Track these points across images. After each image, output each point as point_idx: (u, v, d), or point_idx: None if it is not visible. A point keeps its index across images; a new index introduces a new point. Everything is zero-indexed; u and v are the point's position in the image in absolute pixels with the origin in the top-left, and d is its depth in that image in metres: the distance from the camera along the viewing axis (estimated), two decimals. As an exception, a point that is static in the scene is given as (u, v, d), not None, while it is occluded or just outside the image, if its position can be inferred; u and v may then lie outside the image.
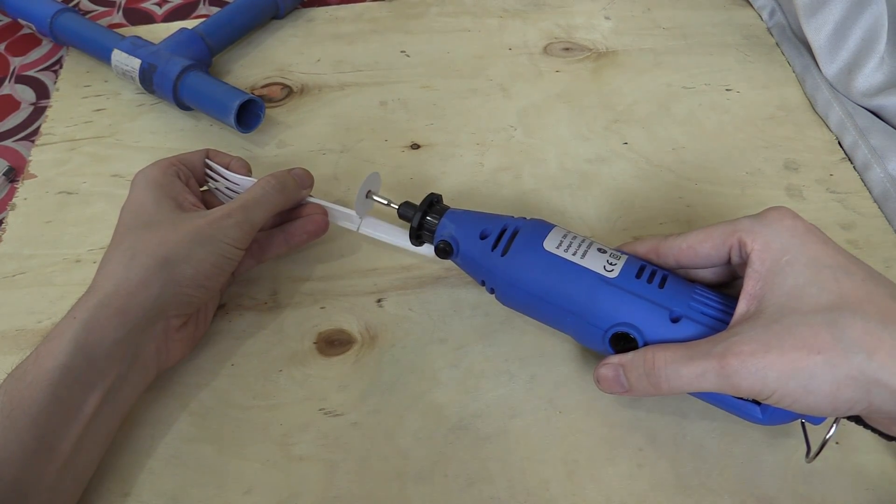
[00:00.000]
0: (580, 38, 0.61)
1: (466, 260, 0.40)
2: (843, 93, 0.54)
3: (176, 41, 0.54)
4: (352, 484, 0.37)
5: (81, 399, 0.33)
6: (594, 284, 0.36)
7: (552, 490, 0.37)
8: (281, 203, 0.41)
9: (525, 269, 0.37)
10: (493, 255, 0.38)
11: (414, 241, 0.42)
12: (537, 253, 0.37)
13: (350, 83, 0.57)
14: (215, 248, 0.37)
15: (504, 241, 0.38)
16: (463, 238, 0.39)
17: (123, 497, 0.36)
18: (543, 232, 0.38)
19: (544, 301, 0.37)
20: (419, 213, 0.41)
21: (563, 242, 0.37)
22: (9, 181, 0.51)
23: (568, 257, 0.37)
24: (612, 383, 0.35)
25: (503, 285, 0.38)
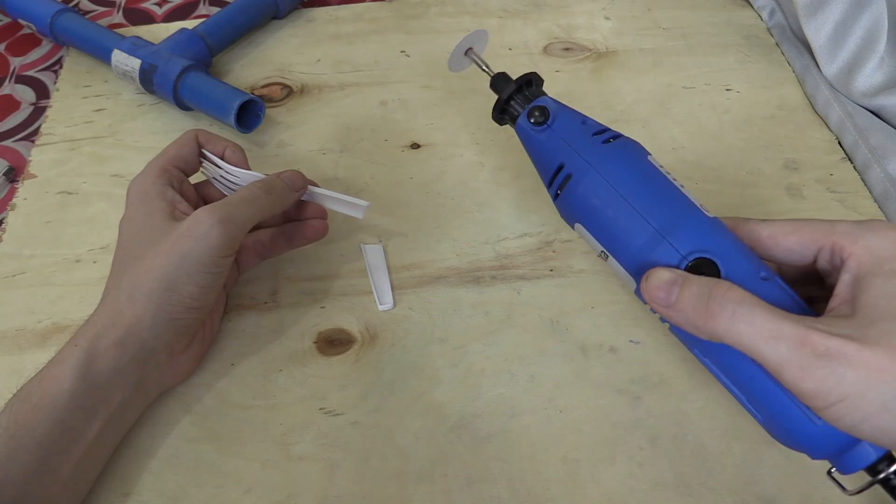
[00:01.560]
0: (580, 39, 0.61)
1: (556, 135, 0.37)
2: (843, 93, 0.54)
3: (176, 41, 0.54)
4: (352, 484, 0.37)
5: (84, 425, 0.33)
6: (690, 209, 0.33)
7: (552, 490, 0.36)
8: (269, 206, 0.38)
9: (624, 163, 0.34)
10: (592, 139, 0.36)
11: (496, 115, 0.41)
12: (641, 159, 0.35)
13: (350, 83, 0.57)
14: (197, 264, 0.35)
15: (609, 135, 0.36)
16: (561, 115, 0.37)
17: (123, 497, 0.36)
18: (645, 151, 0.36)
19: (628, 203, 0.34)
20: (516, 83, 0.39)
21: (664, 167, 0.35)
22: (9, 181, 0.51)
23: (670, 178, 0.34)
24: (661, 288, 0.31)
25: (590, 171, 0.35)
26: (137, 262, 0.35)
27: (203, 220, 0.35)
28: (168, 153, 0.40)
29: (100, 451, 0.35)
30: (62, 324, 0.43)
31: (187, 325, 0.36)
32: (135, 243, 0.36)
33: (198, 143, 0.42)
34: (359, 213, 0.42)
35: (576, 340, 0.42)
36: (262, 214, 0.38)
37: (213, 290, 0.36)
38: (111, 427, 0.35)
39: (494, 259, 0.46)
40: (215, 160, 0.42)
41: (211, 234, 0.35)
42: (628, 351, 0.41)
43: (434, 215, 0.48)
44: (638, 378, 0.40)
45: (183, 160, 0.41)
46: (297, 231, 0.42)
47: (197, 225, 0.35)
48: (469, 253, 0.46)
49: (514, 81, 0.40)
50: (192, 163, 0.41)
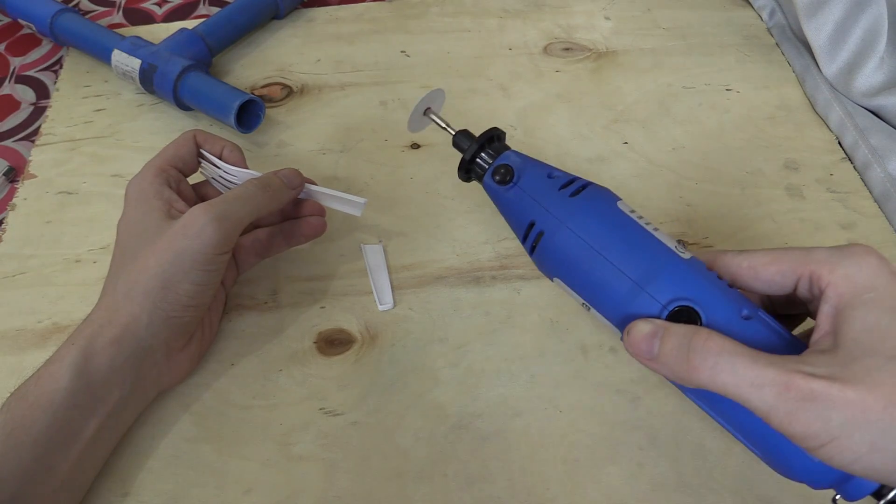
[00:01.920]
0: (580, 38, 0.61)
1: (523, 192, 0.37)
2: (843, 93, 0.54)
3: (176, 41, 0.54)
4: (352, 483, 0.37)
5: (81, 423, 0.33)
6: (665, 255, 0.32)
7: (552, 490, 0.36)
8: (265, 203, 0.38)
9: (594, 215, 0.34)
10: (560, 194, 0.35)
11: (462, 174, 0.40)
12: (611, 207, 0.34)
13: (350, 83, 0.57)
14: (193, 261, 0.35)
15: (575, 186, 0.35)
16: (527, 171, 0.37)
17: (123, 497, 0.36)
18: (614, 197, 0.36)
19: (602, 257, 0.33)
20: (478, 143, 0.39)
21: (635, 211, 0.35)
22: (9, 181, 0.51)
23: (641, 223, 0.34)
24: (642, 341, 0.31)
25: (561, 227, 0.35)
26: (134, 260, 0.36)
27: (198, 218, 0.35)
28: (166, 153, 0.40)
29: (98, 450, 0.35)
30: (62, 324, 0.43)
31: (184, 324, 0.36)
32: (132, 242, 0.37)
33: (196, 143, 0.41)
34: (356, 210, 0.42)
35: (576, 340, 0.42)
36: (259, 212, 0.38)
37: (209, 288, 0.36)
38: (109, 426, 0.35)
39: (494, 259, 0.46)
40: (213, 160, 0.42)
41: (205, 231, 0.34)
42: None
43: (434, 215, 0.48)
44: (638, 378, 0.40)
45: (181, 160, 0.41)
46: (295, 229, 0.42)
47: (192, 222, 0.35)
48: (469, 253, 0.46)
49: (476, 140, 0.39)
50: (190, 163, 0.41)
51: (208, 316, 0.40)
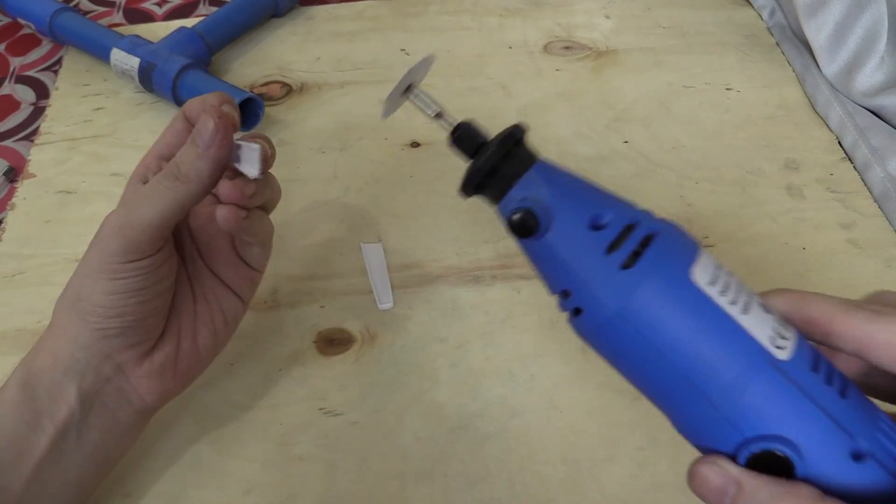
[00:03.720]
0: (580, 37, 0.61)
1: (553, 251, 0.27)
2: (844, 92, 0.54)
3: (175, 40, 0.54)
4: (352, 484, 0.37)
5: (31, 438, 0.31)
6: (756, 359, 0.23)
7: (552, 490, 0.37)
8: (184, 194, 0.31)
9: (654, 300, 0.24)
10: (606, 261, 0.25)
11: (467, 191, 0.29)
12: (680, 283, 0.24)
13: (350, 81, 0.57)
14: (98, 271, 0.31)
15: (630, 244, 0.25)
16: (561, 216, 0.26)
17: (123, 497, 0.36)
18: (690, 251, 0.25)
19: (664, 360, 0.24)
20: (497, 150, 0.27)
21: (717, 277, 0.24)
22: (8, 181, 0.51)
23: (724, 305, 0.23)
24: (712, 494, 0.23)
25: (606, 311, 0.25)
26: (76, 270, 0.33)
27: (103, 227, 0.32)
28: (154, 147, 0.36)
29: (62, 472, 0.32)
30: (62, 323, 0.42)
31: (116, 336, 0.32)
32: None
33: (185, 120, 0.35)
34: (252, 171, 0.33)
35: (576, 340, 0.41)
36: (170, 209, 0.31)
37: (128, 298, 0.31)
38: (72, 447, 0.32)
39: (495, 258, 0.46)
40: None
41: (108, 240, 0.31)
42: (628, 351, 0.41)
43: (434, 214, 0.48)
44: (638, 378, 0.40)
45: (168, 148, 0.35)
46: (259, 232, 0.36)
47: (97, 234, 0.32)
48: (469, 252, 0.46)
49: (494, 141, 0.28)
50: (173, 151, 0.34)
51: (189, 334, 0.35)
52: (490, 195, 0.29)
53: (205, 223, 0.36)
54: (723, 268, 0.25)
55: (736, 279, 0.25)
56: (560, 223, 0.26)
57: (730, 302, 0.24)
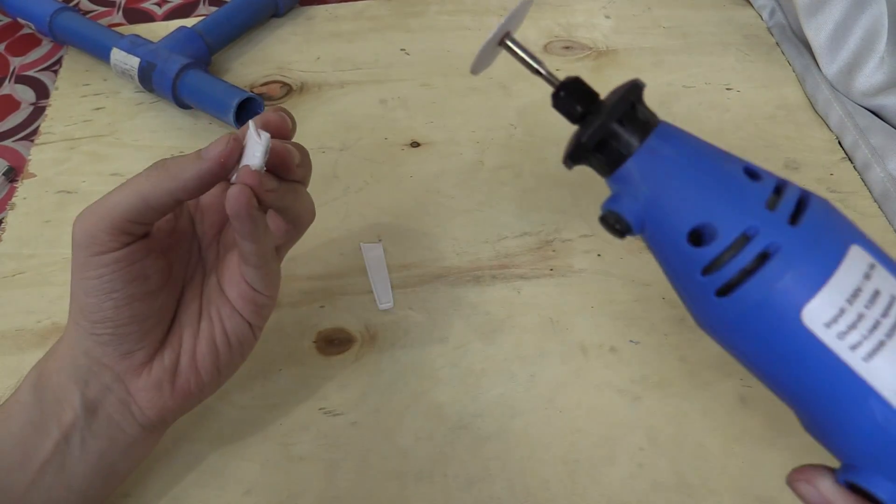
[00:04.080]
0: (580, 37, 0.61)
1: (650, 248, 0.25)
2: (844, 92, 0.54)
3: (175, 39, 0.54)
4: (352, 484, 0.37)
5: (36, 441, 0.31)
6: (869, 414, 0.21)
7: (552, 490, 0.37)
8: (155, 183, 0.30)
9: (751, 343, 0.22)
10: (701, 283, 0.22)
11: (570, 162, 0.27)
12: (785, 327, 0.21)
13: (350, 81, 0.57)
14: (75, 268, 0.30)
15: (734, 266, 0.22)
16: (656, 222, 0.24)
17: (124, 497, 0.36)
18: (815, 278, 0.21)
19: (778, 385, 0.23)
20: (607, 119, 0.25)
21: (845, 311, 0.21)
22: (8, 181, 0.51)
23: (841, 351, 0.21)
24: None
25: (709, 330, 0.24)
26: None
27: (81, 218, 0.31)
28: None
29: (64, 477, 0.32)
30: (62, 324, 0.43)
31: (108, 342, 0.31)
32: None
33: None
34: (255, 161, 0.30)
35: (576, 340, 0.42)
36: (145, 195, 0.30)
37: (103, 300, 0.30)
38: (74, 452, 0.32)
39: (494, 258, 0.46)
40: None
41: (75, 237, 0.30)
42: (628, 351, 0.41)
43: (434, 214, 0.48)
44: (638, 378, 0.40)
45: None
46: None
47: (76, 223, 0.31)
48: (469, 252, 0.46)
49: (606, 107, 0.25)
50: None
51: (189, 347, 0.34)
52: (597, 168, 0.26)
53: (217, 234, 0.36)
54: (861, 293, 0.21)
55: (881, 299, 0.21)
56: (655, 230, 0.23)
57: (851, 346, 0.21)
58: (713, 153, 0.24)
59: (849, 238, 0.22)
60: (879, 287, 0.21)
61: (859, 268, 0.21)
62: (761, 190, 0.23)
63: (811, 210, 0.22)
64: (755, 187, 0.23)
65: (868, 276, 0.21)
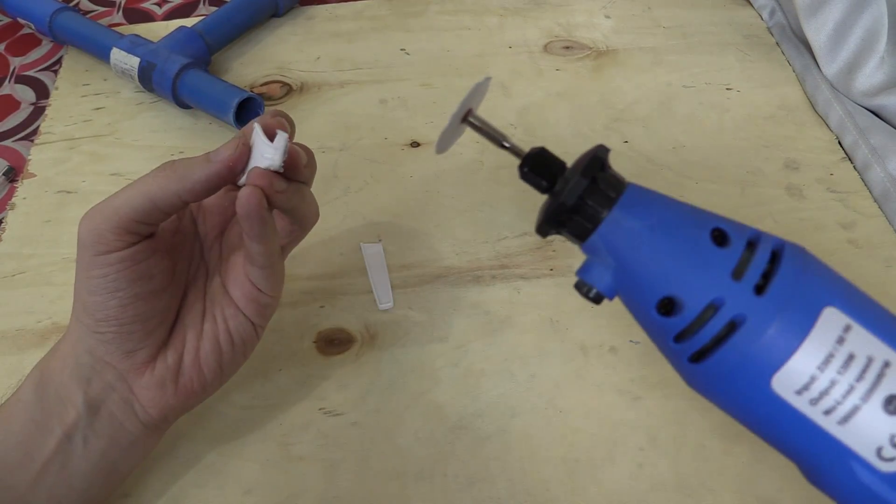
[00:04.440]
0: (580, 37, 0.60)
1: (633, 315, 0.26)
2: (844, 92, 0.54)
3: (175, 39, 0.54)
4: (352, 484, 0.37)
5: (39, 440, 0.31)
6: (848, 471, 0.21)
7: (552, 490, 0.37)
8: (162, 184, 0.30)
9: (726, 405, 0.24)
10: (673, 350, 0.24)
11: (543, 232, 0.27)
12: (757, 391, 0.22)
13: (350, 81, 0.57)
14: (80, 268, 0.30)
15: (703, 336, 0.22)
16: (625, 291, 0.25)
17: (124, 497, 0.36)
18: (785, 345, 0.21)
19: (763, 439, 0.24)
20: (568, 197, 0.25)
21: (816, 378, 0.21)
22: (8, 181, 0.51)
23: (814, 416, 0.21)
24: None
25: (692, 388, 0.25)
26: None
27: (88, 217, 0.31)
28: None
29: (66, 477, 0.32)
30: (62, 324, 0.43)
31: (111, 340, 0.31)
32: None
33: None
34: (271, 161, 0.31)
35: (576, 340, 0.42)
36: (150, 195, 0.30)
37: (108, 299, 0.30)
38: (76, 451, 0.32)
39: (494, 258, 0.46)
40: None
41: (80, 232, 0.30)
42: (628, 351, 0.41)
43: (434, 214, 0.48)
44: (638, 378, 0.40)
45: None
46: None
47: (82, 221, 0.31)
48: (469, 252, 0.46)
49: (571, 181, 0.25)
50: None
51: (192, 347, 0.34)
52: (568, 238, 0.27)
53: (220, 235, 0.36)
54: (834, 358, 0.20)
55: (854, 366, 0.20)
56: (626, 298, 0.24)
57: (824, 411, 0.21)
58: (680, 218, 0.24)
59: (823, 299, 0.21)
60: (854, 350, 0.21)
61: (832, 332, 0.21)
62: (727, 257, 0.23)
63: (782, 273, 0.22)
64: (721, 255, 0.23)
65: (841, 341, 0.21)
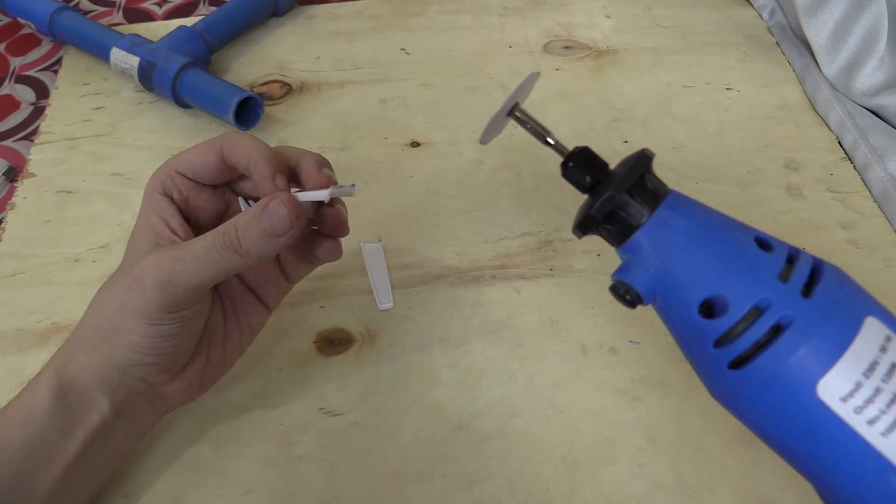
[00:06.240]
0: (580, 37, 0.60)
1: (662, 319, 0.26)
2: (844, 92, 0.54)
3: (175, 39, 0.54)
4: (352, 484, 0.37)
5: (61, 444, 0.32)
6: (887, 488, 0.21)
7: (552, 490, 0.37)
8: (233, 265, 0.31)
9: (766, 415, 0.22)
10: (712, 356, 0.23)
11: (580, 232, 0.27)
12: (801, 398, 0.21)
13: (350, 81, 0.57)
14: (139, 316, 0.31)
15: (745, 340, 0.22)
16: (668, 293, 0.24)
17: (124, 497, 0.36)
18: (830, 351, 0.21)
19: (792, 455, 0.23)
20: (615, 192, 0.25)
21: (862, 384, 0.21)
22: (9, 181, 0.51)
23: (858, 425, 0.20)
24: None
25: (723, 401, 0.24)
26: (107, 290, 0.33)
27: (144, 276, 0.31)
28: (178, 158, 0.34)
29: (87, 474, 0.33)
30: (62, 324, 0.43)
31: (152, 365, 0.33)
32: (126, 257, 0.34)
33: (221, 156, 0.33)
34: (349, 193, 0.35)
35: (576, 340, 0.42)
36: (221, 275, 0.31)
37: (166, 341, 0.32)
38: (96, 449, 0.33)
39: (494, 258, 0.46)
40: None
41: (147, 293, 0.31)
42: (628, 351, 0.41)
43: (434, 214, 0.48)
44: (638, 378, 0.40)
45: (192, 169, 0.34)
46: (308, 249, 0.37)
47: (139, 277, 0.31)
48: (469, 252, 0.46)
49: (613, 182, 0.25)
50: (204, 174, 0.34)
51: (218, 349, 0.36)
52: (607, 238, 0.26)
53: None
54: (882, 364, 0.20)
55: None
56: (666, 301, 0.23)
57: (868, 420, 0.20)
58: (724, 223, 0.24)
59: (864, 309, 0.22)
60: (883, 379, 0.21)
61: (875, 340, 0.21)
62: (773, 261, 0.23)
63: (825, 280, 0.22)
64: (767, 258, 0.23)
65: (884, 349, 0.21)
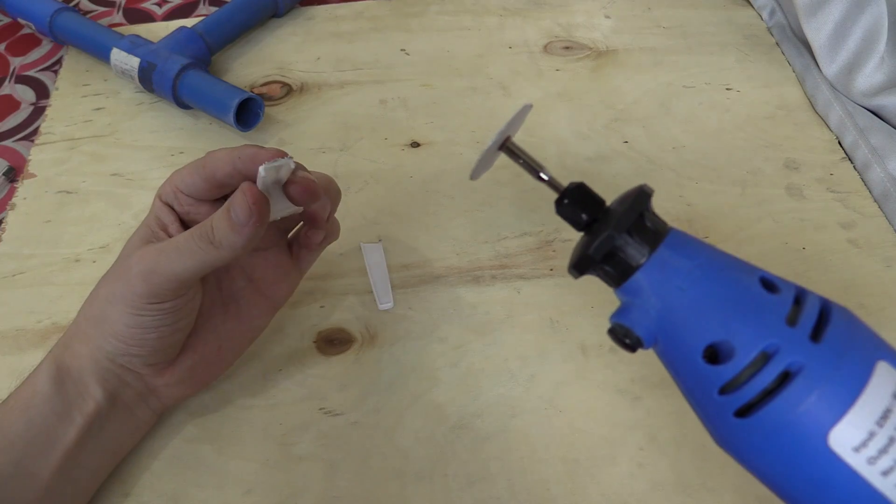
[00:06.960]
0: (580, 37, 0.61)
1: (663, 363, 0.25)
2: (844, 92, 0.54)
3: (175, 40, 0.54)
4: (352, 484, 0.37)
5: (60, 429, 0.33)
6: None
7: (552, 490, 0.37)
8: (209, 256, 0.31)
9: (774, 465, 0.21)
10: (717, 403, 0.22)
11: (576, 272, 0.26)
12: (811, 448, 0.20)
13: (350, 81, 0.57)
14: (123, 304, 0.32)
15: (754, 387, 0.21)
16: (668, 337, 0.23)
17: (124, 497, 0.36)
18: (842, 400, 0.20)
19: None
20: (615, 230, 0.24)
21: (875, 433, 0.20)
22: (9, 181, 0.51)
23: (872, 477, 0.20)
24: None
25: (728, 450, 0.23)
26: (104, 276, 0.34)
27: (133, 265, 0.32)
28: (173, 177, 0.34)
29: (87, 463, 0.34)
30: (62, 324, 0.43)
31: (138, 357, 0.34)
32: (120, 255, 0.35)
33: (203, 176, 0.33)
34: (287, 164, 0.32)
35: (576, 340, 0.42)
36: (199, 266, 0.31)
37: (148, 333, 0.33)
38: (95, 438, 0.34)
39: (494, 258, 0.46)
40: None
41: (132, 282, 0.32)
42: (628, 351, 0.41)
43: (434, 214, 0.48)
44: (638, 378, 0.40)
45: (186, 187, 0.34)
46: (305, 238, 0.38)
47: (126, 270, 0.32)
48: (469, 252, 0.46)
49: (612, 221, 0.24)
50: (195, 192, 0.34)
51: (213, 347, 0.37)
52: (604, 279, 0.25)
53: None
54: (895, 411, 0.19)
55: None
56: (667, 345, 0.22)
57: (883, 471, 0.19)
58: (728, 262, 0.23)
59: (875, 353, 0.21)
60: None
61: (888, 386, 0.20)
62: (780, 303, 0.22)
63: (834, 323, 0.21)
64: (773, 301, 0.21)
65: (886, 414, 0.20)
